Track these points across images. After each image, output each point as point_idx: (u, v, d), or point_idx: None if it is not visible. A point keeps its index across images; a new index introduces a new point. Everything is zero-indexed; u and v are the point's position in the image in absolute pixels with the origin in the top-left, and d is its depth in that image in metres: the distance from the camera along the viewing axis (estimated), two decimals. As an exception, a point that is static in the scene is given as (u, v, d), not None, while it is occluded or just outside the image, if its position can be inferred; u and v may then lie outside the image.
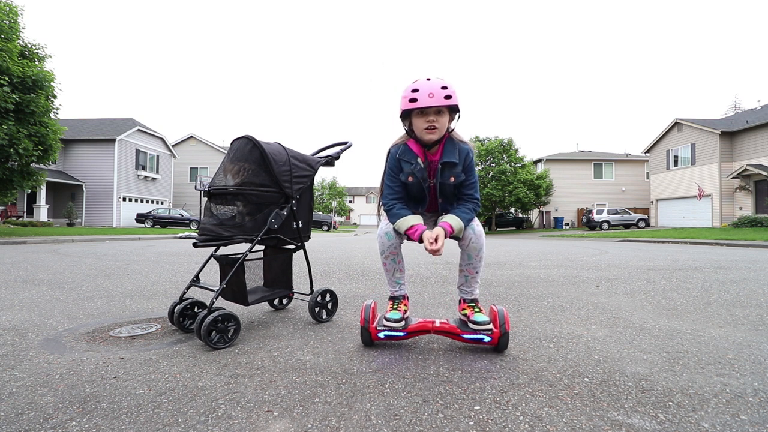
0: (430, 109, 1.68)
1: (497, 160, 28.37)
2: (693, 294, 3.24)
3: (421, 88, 1.66)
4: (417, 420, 1.18)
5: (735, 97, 77.76)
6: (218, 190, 2.08)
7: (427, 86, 1.66)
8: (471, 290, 1.89)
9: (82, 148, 25.12)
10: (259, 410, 1.24)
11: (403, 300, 1.92)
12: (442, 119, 1.71)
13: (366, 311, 1.85)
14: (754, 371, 1.55)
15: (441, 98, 1.64)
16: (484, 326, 1.74)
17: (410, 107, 1.68)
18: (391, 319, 1.81)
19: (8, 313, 2.53)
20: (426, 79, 1.69)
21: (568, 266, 5.39)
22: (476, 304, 1.87)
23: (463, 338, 1.77)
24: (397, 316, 1.81)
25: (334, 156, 2.42)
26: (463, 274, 1.88)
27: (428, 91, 1.64)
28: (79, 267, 5.04)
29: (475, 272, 1.85)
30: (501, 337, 1.73)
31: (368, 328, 1.81)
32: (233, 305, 2.53)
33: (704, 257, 6.68)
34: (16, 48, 11.21)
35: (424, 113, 1.70)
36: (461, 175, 1.80)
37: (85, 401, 1.29)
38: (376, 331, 1.81)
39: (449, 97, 1.65)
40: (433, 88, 1.65)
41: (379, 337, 1.81)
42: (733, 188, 21.70)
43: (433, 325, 1.81)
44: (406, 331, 1.80)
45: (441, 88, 1.65)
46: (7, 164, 11.40)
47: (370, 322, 1.82)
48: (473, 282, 1.88)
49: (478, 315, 1.80)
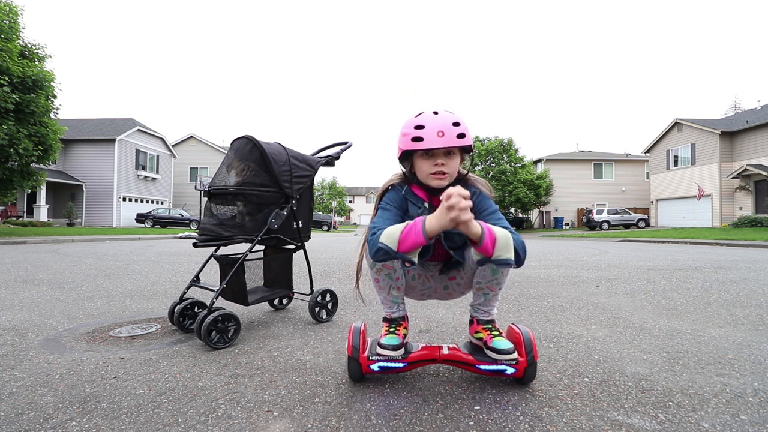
0: (439, 150, 1.38)
1: (497, 160, 28.39)
2: (693, 294, 3.24)
3: (428, 124, 1.35)
4: (417, 420, 1.18)
5: (735, 97, 77.86)
6: (218, 190, 2.08)
7: (436, 122, 1.35)
8: (489, 309, 1.50)
9: (82, 148, 25.11)
10: (259, 410, 1.24)
11: (403, 322, 1.54)
12: (453, 162, 1.41)
13: (354, 336, 1.48)
14: (754, 371, 1.55)
15: (453, 137, 1.34)
16: (508, 356, 1.37)
17: (413, 147, 1.37)
18: (388, 346, 1.43)
19: (8, 313, 2.54)
20: (433, 113, 1.39)
21: (568, 266, 5.39)
22: (494, 326, 1.49)
23: (479, 370, 1.42)
24: (394, 342, 1.44)
25: (334, 156, 2.42)
26: (482, 292, 1.47)
27: (437, 128, 1.34)
28: (79, 267, 5.04)
29: (498, 289, 1.46)
30: (528, 368, 1.39)
31: (357, 358, 1.43)
32: (233, 305, 2.53)
33: (704, 257, 6.68)
34: (16, 48, 11.22)
35: (431, 155, 1.39)
36: None
37: (85, 401, 1.29)
38: (368, 362, 1.43)
39: (462, 136, 1.36)
40: (443, 125, 1.34)
41: (371, 369, 1.44)
42: (733, 188, 21.69)
43: (440, 353, 1.48)
44: (406, 360, 1.45)
45: (453, 125, 1.35)
46: (7, 164, 11.41)
47: (359, 350, 1.44)
48: (493, 300, 1.49)
49: (499, 340, 1.42)
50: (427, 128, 1.35)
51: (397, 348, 1.43)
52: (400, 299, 1.54)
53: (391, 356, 1.42)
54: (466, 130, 1.38)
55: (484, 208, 1.43)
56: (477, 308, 1.52)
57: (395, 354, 1.42)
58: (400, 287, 1.51)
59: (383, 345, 1.43)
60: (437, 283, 1.60)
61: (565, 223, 30.56)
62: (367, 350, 1.47)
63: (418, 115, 1.41)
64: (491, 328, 1.48)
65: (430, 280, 1.60)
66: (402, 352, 1.44)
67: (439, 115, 1.37)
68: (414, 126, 1.37)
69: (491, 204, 1.45)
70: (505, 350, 1.38)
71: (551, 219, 31.32)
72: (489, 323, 1.50)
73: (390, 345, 1.43)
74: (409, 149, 1.39)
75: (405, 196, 1.48)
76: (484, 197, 1.45)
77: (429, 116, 1.38)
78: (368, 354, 1.45)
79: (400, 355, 1.43)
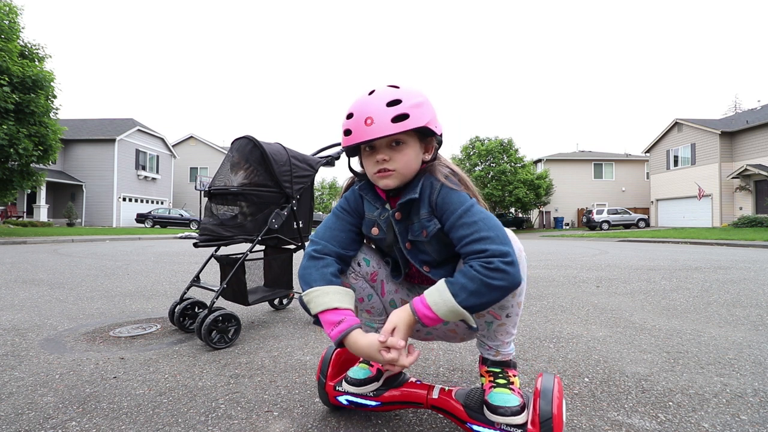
0: (381, 142, 1.02)
1: (497, 160, 28.38)
2: (693, 294, 3.24)
3: (356, 110, 1.00)
4: (417, 420, 1.18)
5: (735, 97, 77.85)
6: (219, 190, 2.08)
7: (363, 107, 0.99)
8: (496, 346, 1.09)
9: (82, 148, 25.13)
10: (259, 410, 1.24)
11: None
12: (400, 155, 1.02)
13: (326, 356, 1.23)
14: (754, 371, 1.55)
15: (386, 123, 0.96)
16: (508, 419, 0.98)
17: (344, 143, 1.05)
18: (353, 380, 1.16)
19: (8, 313, 2.54)
20: (368, 93, 1.02)
21: (568, 266, 5.39)
22: (505, 371, 1.09)
23: (472, 430, 1.03)
24: (362, 375, 1.16)
25: (335, 156, 2.42)
26: (483, 319, 1.07)
27: (364, 115, 0.98)
28: (79, 267, 5.04)
29: (505, 316, 1.04)
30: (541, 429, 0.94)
31: (324, 386, 1.19)
32: (233, 305, 2.53)
33: (704, 257, 6.68)
34: (16, 48, 11.22)
35: (374, 149, 1.04)
36: (431, 224, 1.04)
37: (85, 401, 1.29)
38: (334, 393, 1.17)
39: (402, 118, 0.96)
40: (372, 110, 0.98)
41: (339, 401, 1.17)
42: (733, 188, 21.69)
43: (428, 396, 1.10)
44: (380, 400, 1.13)
45: (387, 106, 0.97)
46: (7, 164, 11.41)
47: (328, 376, 1.19)
48: (502, 332, 1.07)
49: (499, 393, 1.04)
50: (354, 116, 1.00)
51: (364, 383, 1.15)
52: (376, 322, 1.21)
53: (358, 392, 1.14)
54: (414, 107, 0.98)
55: (451, 210, 1.00)
56: (482, 342, 1.11)
57: (363, 389, 1.14)
58: (371, 311, 1.19)
59: (348, 378, 1.17)
60: None
61: (565, 223, 30.57)
62: (341, 377, 1.23)
63: (355, 102, 1.04)
64: (498, 374, 1.09)
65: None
66: (373, 388, 1.15)
67: (372, 95, 1.00)
68: (346, 115, 1.03)
69: (459, 199, 1.01)
70: (501, 409, 0.99)
71: (551, 219, 31.32)
72: (498, 366, 1.10)
73: (354, 379, 1.16)
74: (345, 145, 1.06)
75: (360, 192, 1.14)
76: (447, 192, 1.03)
77: (359, 99, 1.02)
78: (336, 384, 1.19)
79: (369, 391, 1.15)
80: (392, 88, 1.01)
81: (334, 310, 0.96)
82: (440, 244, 1.07)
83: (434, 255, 1.09)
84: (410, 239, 1.09)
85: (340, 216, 1.14)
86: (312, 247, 1.08)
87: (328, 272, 1.03)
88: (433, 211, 1.05)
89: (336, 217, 1.14)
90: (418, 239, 1.07)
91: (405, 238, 1.09)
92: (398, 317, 0.95)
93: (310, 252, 1.07)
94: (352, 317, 0.97)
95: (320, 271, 1.03)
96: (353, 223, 1.14)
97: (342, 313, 0.96)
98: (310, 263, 1.05)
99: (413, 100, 0.99)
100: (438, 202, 1.03)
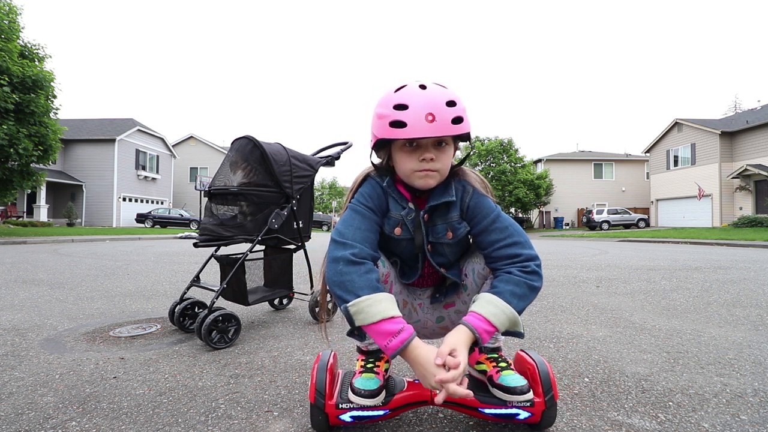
0: (428, 140, 1.00)
1: (497, 160, 28.41)
2: (693, 294, 3.24)
3: (413, 103, 0.95)
4: (417, 420, 1.18)
5: (735, 97, 77.93)
6: (219, 191, 2.08)
7: (424, 101, 0.95)
8: (496, 335, 1.11)
9: (82, 148, 25.13)
10: (259, 410, 1.24)
11: (383, 354, 1.17)
12: (445, 156, 1.03)
13: (319, 375, 1.08)
14: (754, 371, 1.55)
15: (447, 123, 0.95)
16: (521, 396, 1.04)
17: (393, 136, 0.98)
18: (363, 392, 1.05)
19: (8, 313, 2.54)
20: (419, 86, 0.98)
21: (568, 266, 5.39)
22: (500, 356, 1.16)
23: (483, 414, 1.07)
24: (371, 386, 1.07)
25: (335, 156, 2.42)
26: None
27: (426, 109, 0.94)
28: (79, 267, 5.04)
29: None
30: (546, 411, 1.05)
31: (323, 407, 1.04)
32: (234, 305, 2.53)
33: (704, 257, 6.68)
34: (16, 48, 11.23)
35: (417, 146, 1.01)
36: (461, 226, 1.08)
37: (85, 401, 1.29)
38: (336, 412, 1.05)
39: (459, 120, 0.97)
40: (433, 106, 0.95)
41: (341, 420, 1.05)
42: (733, 188, 21.69)
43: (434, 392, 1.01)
44: (389, 407, 1.08)
45: (447, 105, 0.96)
46: (7, 164, 11.42)
47: (326, 395, 1.05)
48: None
49: (508, 375, 1.08)
50: (411, 109, 0.95)
51: (376, 394, 1.05)
52: None
53: (368, 405, 1.05)
54: (464, 111, 0.99)
55: (484, 215, 1.06)
56: None
57: (373, 401, 1.05)
58: None
59: (357, 390, 1.06)
60: (428, 314, 1.22)
61: (565, 223, 30.57)
62: (336, 392, 1.10)
63: (399, 89, 1.00)
64: (498, 359, 1.13)
65: (418, 311, 1.22)
66: (382, 398, 1.07)
67: (427, 91, 0.97)
68: (393, 105, 0.97)
69: (489, 205, 1.07)
70: (517, 389, 1.04)
71: (551, 219, 31.32)
72: (494, 351, 1.15)
73: (366, 390, 1.05)
74: (388, 138, 0.99)
75: (386, 189, 1.10)
76: (479, 197, 1.08)
77: (414, 92, 0.98)
78: (337, 401, 1.06)
79: (380, 401, 1.06)
80: (443, 88, 1.01)
81: (391, 319, 0.90)
82: (459, 246, 1.13)
83: (450, 257, 1.13)
84: (431, 241, 1.10)
85: (366, 215, 1.06)
86: (349, 251, 0.97)
87: (373, 279, 0.95)
88: (463, 214, 1.08)
89: (362, 216, 1.06)
90: (440, 241, 1.09)
91: (428, 239, 1.10)
92: (456, 339, 0.91)
93: (349, 257, 0.96)
94: (408, 326, 0.92)
95: (364, 277, 0.94)
96: (378, 222, 1.09)
97: (399, 321, 0.91)
98: (350, 269, 0.94)
99: (463, 104, 1.00)
100: (471, 206, 1.08)
